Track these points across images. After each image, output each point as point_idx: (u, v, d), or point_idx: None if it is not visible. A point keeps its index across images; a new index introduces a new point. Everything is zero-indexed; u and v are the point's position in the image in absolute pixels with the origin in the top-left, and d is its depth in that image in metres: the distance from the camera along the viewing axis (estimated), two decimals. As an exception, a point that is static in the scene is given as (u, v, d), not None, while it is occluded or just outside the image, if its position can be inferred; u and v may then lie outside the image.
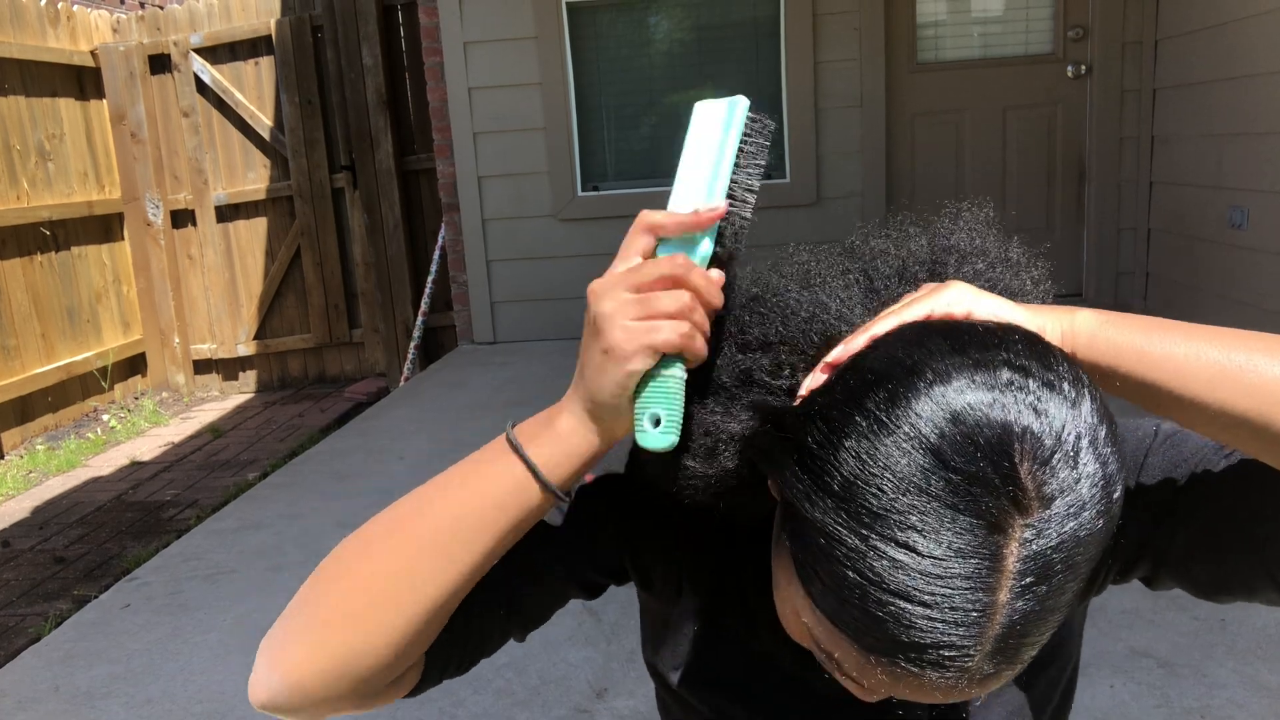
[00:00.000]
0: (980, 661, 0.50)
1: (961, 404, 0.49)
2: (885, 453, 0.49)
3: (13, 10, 4.92)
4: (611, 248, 2.55)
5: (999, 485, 0.48)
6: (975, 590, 0.48)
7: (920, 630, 0.49)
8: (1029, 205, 4.49)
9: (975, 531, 0.48)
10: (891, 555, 0.49)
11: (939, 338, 0.53)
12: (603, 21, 4.50)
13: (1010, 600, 0.49)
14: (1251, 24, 3.35)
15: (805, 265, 0.68)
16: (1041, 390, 0.50)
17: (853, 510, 0.50)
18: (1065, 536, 0.49)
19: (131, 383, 5.71)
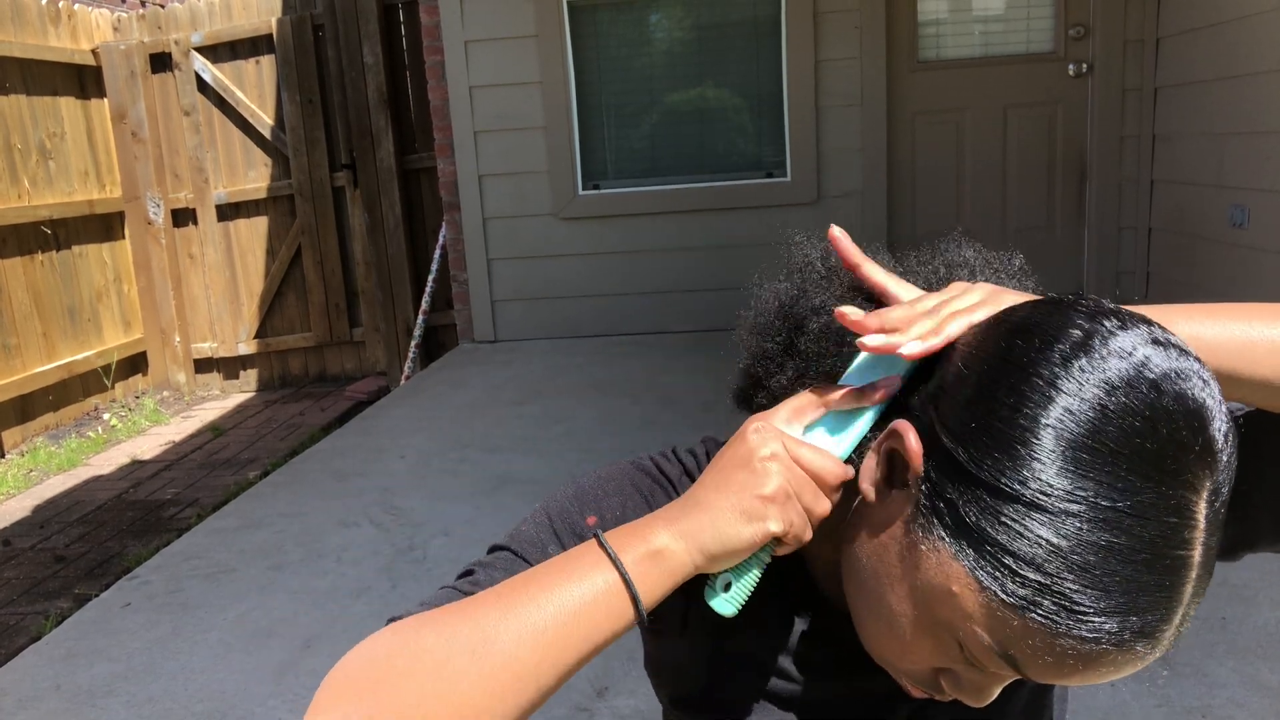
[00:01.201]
0: (1175, 628, 0.51)
1: (1150, 367, 0.51)
2: (1077, 421, 0.50)
3: (14, 9, 4.92)
4: (612, 246, 2.60)
5: (1199, 452, 0.49)
6: (1178, 550, 0.49)
7: (1137, 607, 0.49)
8: (1029, 204, 4.48)
9: (1175, 494, 0.49)
10: (1103, 540, 0.49)
11: (1071, 311, 0.54)
12: (604, 20, 4.50)
13: (1201, 560, 0.50)
14: (1253, 22, 3.34)
15: None
16: (1188, 356, 0.52)
17: (1062, 478, 0.50)
18: (1226, 493, 0.51)
19: (132, 381, 5.71)
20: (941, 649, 0.57)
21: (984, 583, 0.52)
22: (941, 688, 0.59)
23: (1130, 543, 0.49)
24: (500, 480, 2.83)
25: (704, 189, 4.50)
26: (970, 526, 0.53)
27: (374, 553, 2.38)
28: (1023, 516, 0.50)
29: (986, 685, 0.58)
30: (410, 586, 2.18)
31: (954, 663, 0.57)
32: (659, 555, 0.58)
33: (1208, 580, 0.51)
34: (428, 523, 2.55)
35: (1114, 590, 0.49)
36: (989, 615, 0.53)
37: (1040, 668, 0.52)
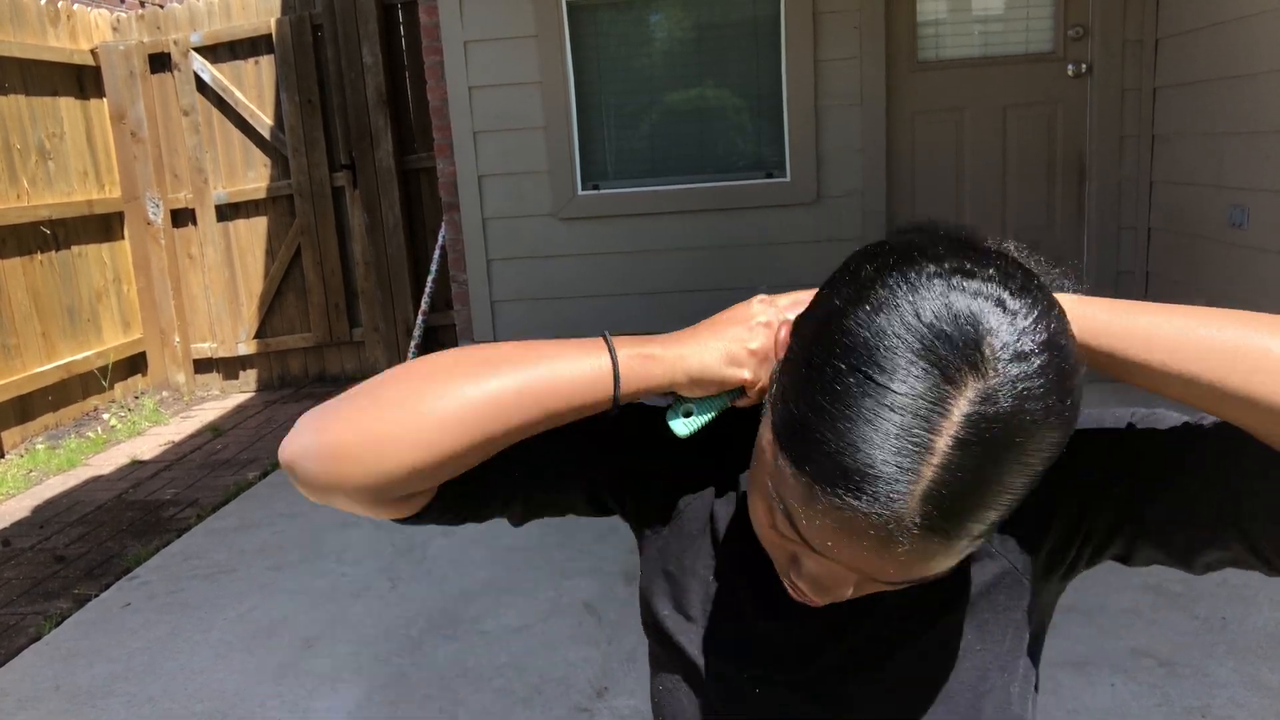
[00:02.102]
0: (913, 507, 0.55)
1: (951, 283, 0.57)
2: (873, 305, 0.58)
3: (13, 9, 4.92)
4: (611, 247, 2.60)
5: (961, 347, 0.55)
6: (919, 427, 0.55)
7: (864, 453, 0.55)
8: (1029, 204, 4.48)
9: (931, 376, 0.55)
10: (857, 382, 0.56)
11: (939, 245, 0.62)
12: (603, 20, 4.50)
13: (949, 450, 0.54)
14: (1252, 22, 3.34)
15: None
16: (1020, 292, 0.58)
17: (833, 343, 0.58)
18: (1010, 411, 0.55)
19: (132, 382, 5.71)
20: (768, 513, 0.65)
21: (773, 433, 0.61)
22: (793, 579, 0.66)
23: (885, 414, 0.55)
24: (500, 480, 2.83)
25: (704, 189, 4.50)
26: (778, 391, 0.63)
27: (374, 553, 2.38)
28: (809, 379, 0.59)
29: (823, 578, 0.63)
30: (410, 586, 2.18)
31: (783, 532, 0.63)
32: (649, 358, 0.72)
33: (980, 493, 0.56)
34: (427, 523, 2.55)
35: (861, 450, 0.55)
36: (776, 468, 0.61)
37: (811, 530, 0.59)
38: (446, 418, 0.67)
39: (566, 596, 2.07)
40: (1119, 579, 1.97)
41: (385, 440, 0.66)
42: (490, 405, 0.68)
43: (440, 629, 1.98)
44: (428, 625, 2.00)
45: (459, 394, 0.67)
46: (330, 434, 0.67)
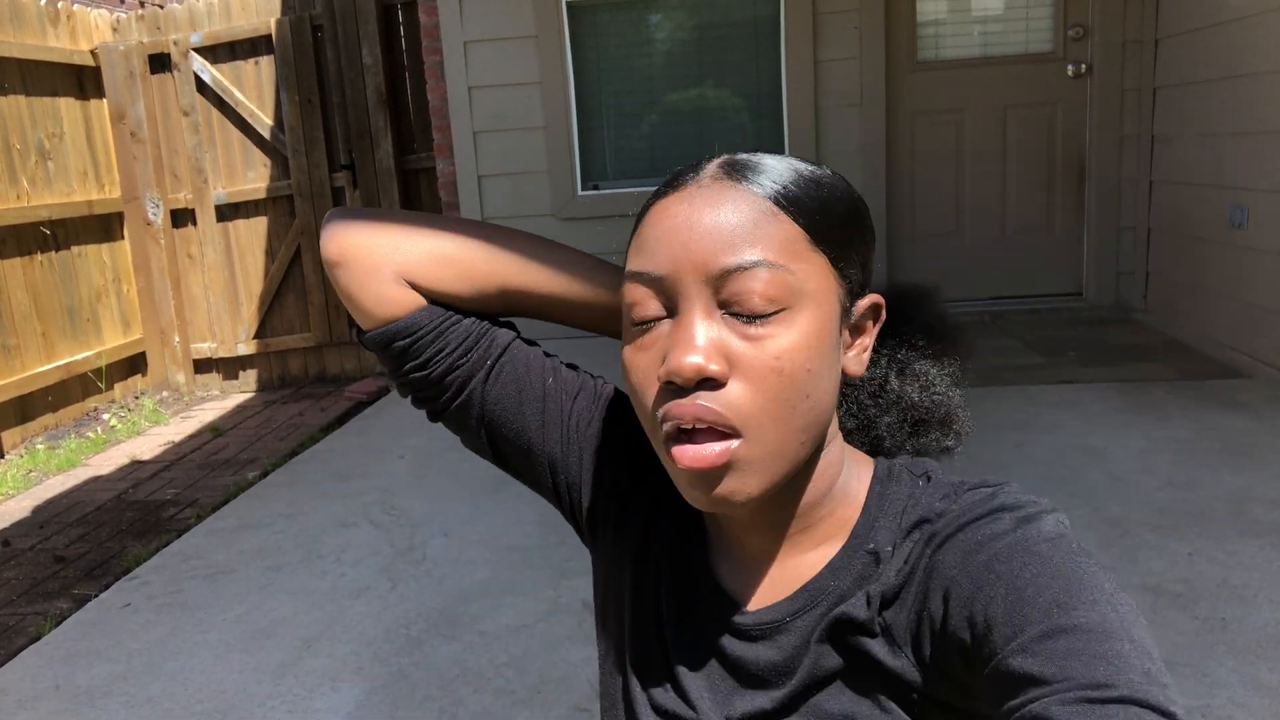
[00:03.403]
0: (710, 167, 0.73)
1: None
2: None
3: (12, 9, 4.92)
4: (612, 246, 2.59)
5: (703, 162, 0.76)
6: (692, 168, 0.75)
7: (671, 176, 0.74)
8: (1029, 204, 4.48)
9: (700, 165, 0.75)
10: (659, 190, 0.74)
11: None
12: (603, 20, 4.50)
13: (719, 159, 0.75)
14: (1252, 23, 3.34)
15: None
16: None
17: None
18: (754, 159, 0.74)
19: (132, 382, 5.71)
20: (634, 346, 0.70)
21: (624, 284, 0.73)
22: (663, 389, 0.68)
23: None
24: (500, 480, 2.82)
25: (703, 189, 4.49)
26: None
27: (373, 553, 2.38)
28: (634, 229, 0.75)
29: (676, 336, 0.66)
30: (410, 586, 2.18)
31: (646, 350, 0.69)
32: None
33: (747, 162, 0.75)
34: (427, 523, 2.55)
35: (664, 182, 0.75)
36: (627, 280, 0.70)
37: (649, 245, 0.69)
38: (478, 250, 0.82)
39: (566, 596, 2.07)
40: (1119, 578, 1.97)
41: (406, 235, 0.80)
42: (512, 259, 0.83)
43: (440, 629, 1.98)
44: (428, 625, 2.00)
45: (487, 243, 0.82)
46: (374, 225, 0.80)
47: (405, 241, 0.80)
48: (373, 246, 0.79)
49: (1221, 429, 2.82)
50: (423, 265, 0.79)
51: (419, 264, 0.79)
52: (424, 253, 0.80)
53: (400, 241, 0.80)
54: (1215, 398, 3.11)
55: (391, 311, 0.81)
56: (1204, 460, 2.58)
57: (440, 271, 0.80)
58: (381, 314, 0.81)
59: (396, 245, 0.79)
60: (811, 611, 0.70)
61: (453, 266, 0.80)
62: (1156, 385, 3.30)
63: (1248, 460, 2.57)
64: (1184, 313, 3.99)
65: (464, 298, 0.81)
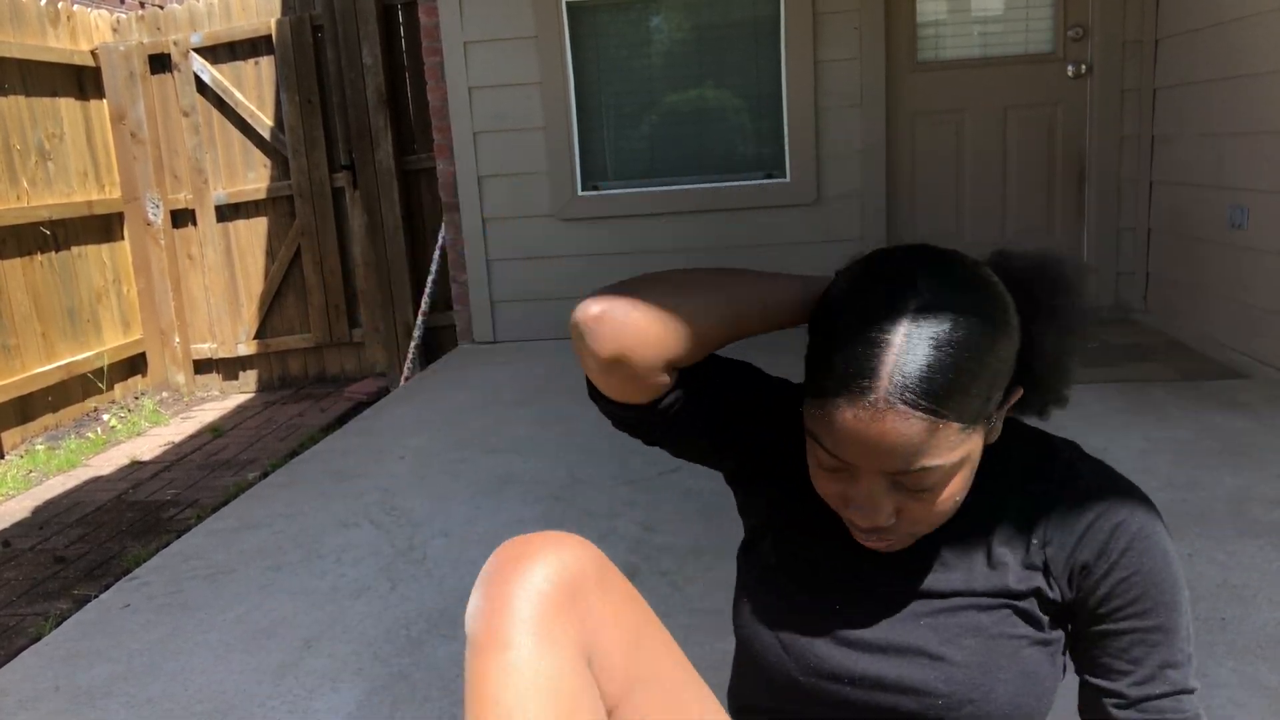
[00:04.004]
0: (884, 385, 0.77)
1: (894, 252, 0.87)
2: (846, 276, 0.87)
3: (13, 10, 4.92)
4: (611, 247, 2.62)
5: (898, 280, 0.81)
6: (878, 330, 0.78)
7: (844, 356, 0.79)
8: (1029, 205, 4.48)
9: (882, 296, 0.80)
10: (838, 318, 0.83)
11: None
12: (603, 21, 4.50)
13: (903, 341, 0.77)
14: (1252, 23, 3.34)
15: None
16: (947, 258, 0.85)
17: (824, 308, 0.86)
18: (944, 316, 0.77)
19: (132, 382, 5.71)
20: (815, 464, 0.86)
21: (807, 397, 0.84)
22: (847, 516, 0.87)
23: (853, 328, 0.80)
24: (500, 481, 2.83)
25: (703, 190, 4.50)
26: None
27: (374, 553, 2.38)
28: (811, 341, 0.86)
29: (862, 498, 0.83)
30: (410, 587, 2.18)
31: (823, 464, 0.84)
32: None
33: (934, 368, 0.77)
34: (428, 523, 2.55)
35: (841, 355, 0.79)
36: (808, 413, 0.83)
37: (833, 439, 0.80)
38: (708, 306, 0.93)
39: (566, 597, 2.06)
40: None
41: (667, 314, 0.90)
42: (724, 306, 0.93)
43: (440, 629, 1.98)
44: (428, 625, 2.00)
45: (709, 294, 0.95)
46: (635, 301, 0.90)
47: (670, 334, 0.90)
48: (645, 345, 0.89)
49: (1221, 429, 2.82)
50: (687, 352, 0.91)
51: (684, 353, 0.91)
52: (687, 340, 0.90)
53: (665, 335, 0.90)
54: (1215, 398, 3.11)
55: (649, 397, 0.94)
56: (1204, 460, 2.58)
57: (695, 351, 0.92)
58: (638, 400, 0.94)
59: (664, 341, 0.90)
60: None
61: (702, 343, 0.92)
62: (1156, 385, 3.30)
63: (1248, 460, 2.57)
64: (1184, 313, 3.99)
65: (699, 358, 0.94)
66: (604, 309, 0.89)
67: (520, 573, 0.86)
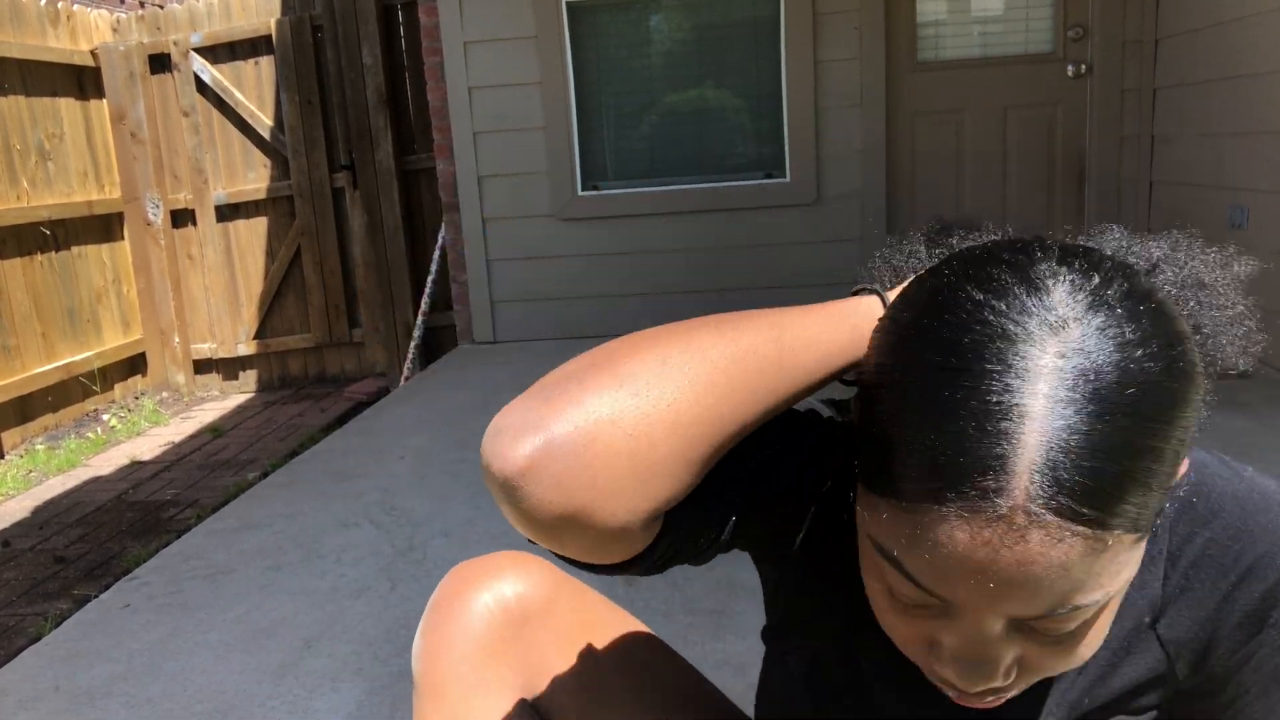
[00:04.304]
0: (1022, 486, 0.47)
1: (1001, 257, 0.54)
2: (928, 308, 0.54)
3: (13, 10, 4.92)
4: (611, 247, 2.62)
5: (1026, 301, 0.50)
6: (1003, 394, 0.48)
7: (951, 442, 0.48)
8: (1029, 204, 4.49)
9: (1001, 341, 0.49)
10: (928, 379, 0.50)
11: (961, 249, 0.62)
12: (603, 21, 4.50)
13: (1047, 410, 0.47)
14: (1252, 23, 3.35)
15: None
16: (1079, 253, 0.54)
17: (897, 358, 0.54)
18: (1108, 360, 0.48)
19: (131, 382, 5.71)
20: (884, 591, 0.57)
21: (861, 484, 0.56)
22: (938, 672, 0.57)
23: (964, 396, 0.49)
24: (500, 481, 2.83)
25: (703, 190, 4.50)
26: (859, 436, 0.57)
27: (374, 553, 2.38)
28: (881, 400, 0.54)
29: (968, 648, 0.54)
30: (410, 587, 2.18)
31: (902, 595, 0.55)
32: None
33: (1098, 454, 0.47)
34: (428, 523, 2.55)
35: (946, 441, 0.48)
36: (872, 519, 0.54)
37: (926, 568, 0.51)
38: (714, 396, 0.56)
39: (566, 597, 2.06)
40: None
41: (638, 419, 0.54)
42: (751, 375, 0.58)
43: (440, 629, 1.98)
44: (427, 626, 2.00)
45: (719, 356, 0.57)
46: (579, 417, 0.53)
47: (659, 461, 0.55)
48: (615, 495, 0.54)
49: (1221, 429, 2.82)
50: (689, 478, 0.58)
51: (685, 483, 0.57)
52: (686, 460, 0.56)
53: (651, 467, 0.55)
54: (1215, 398, 3.11)
55: (629, 553, 0.61)
56: (1204, 460, 2.58)
57: (700, 470, 0.58)
58: (612, 560, 0.61)
59: (648, 479, 0.55)
60: None
61: (710, 451, 0.57)
62: (1156, 385, 3.29)
63: (1248, 460, 2.56)
64: (1184, 313, 3.99)
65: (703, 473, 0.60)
66: (535, 451, 0.53)
67: (460, 610, 0.80)
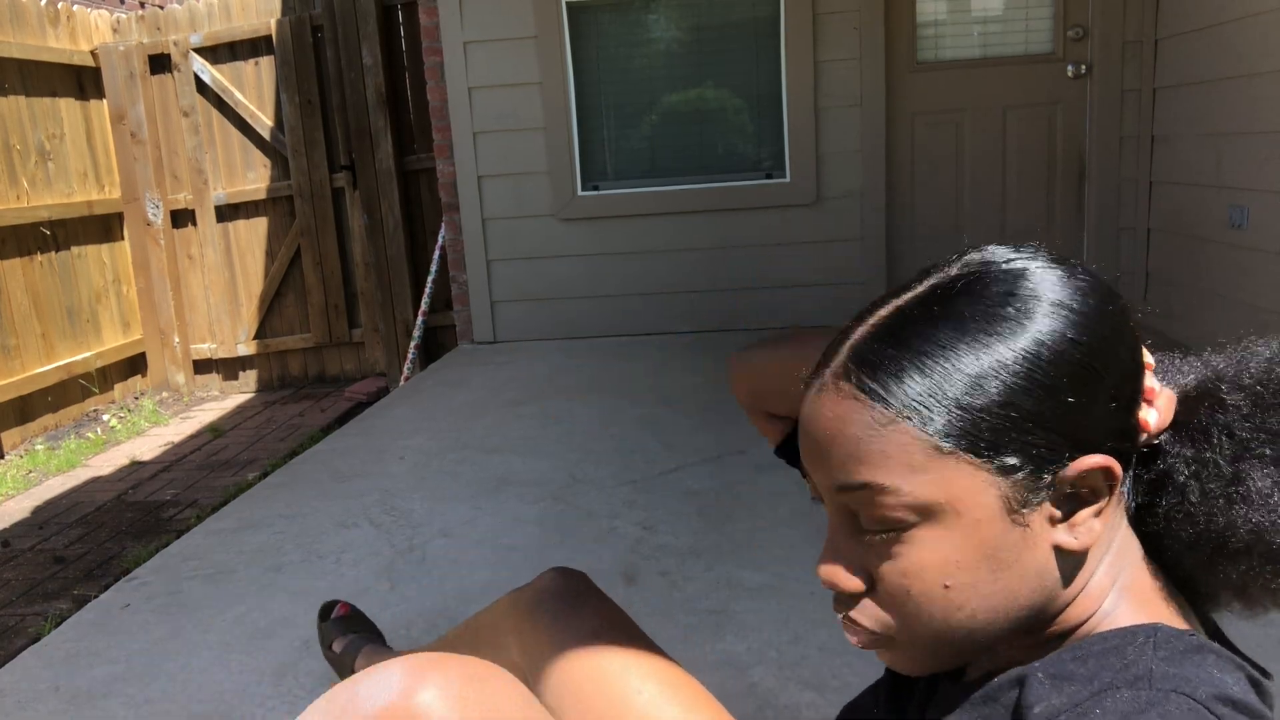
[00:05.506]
0: (841, 358, 0.61)
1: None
2: None
3: (12, 10, 4.92)
4: (611, 247, 2.61)
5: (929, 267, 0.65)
6: (874, 305, 0.63)
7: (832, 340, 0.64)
8: (1029, 205, 4.48)
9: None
10: None
11: None
12: (603, 21, 4.50)
13: (888, 312, 0.61)
14: (1252, 23, 3.34)
15: None
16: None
17: None
18: (960, 289, 0.59)
19: (131, 382, 5.71)
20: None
21: None
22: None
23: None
24: (500, 481, 2.83)
25: (703, 190, 4.50)
26: None
27: (373, 553, 2.38)
28: None
29: (823, 544, 0.66)
30: (410, 587, 2.17)
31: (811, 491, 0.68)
32: None
33: (896, 345, 0.59)
34: (427, 523, 2.55)
35: None
36: None
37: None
38: None
39: (566, 597, 2.06)
40: None
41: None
42: None
43: (440, 629, 1.98)
44: (427, 626, 2.00)
45: None
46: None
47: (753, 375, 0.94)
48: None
49: (1221, 429, 2.81)
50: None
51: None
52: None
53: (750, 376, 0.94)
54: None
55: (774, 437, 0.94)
56: (1204, 460, 2.57)
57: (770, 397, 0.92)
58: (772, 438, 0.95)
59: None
60: None
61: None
62: (1156, 385, 3.29)
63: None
64: (1184, 313, 3.99)
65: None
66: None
67: None
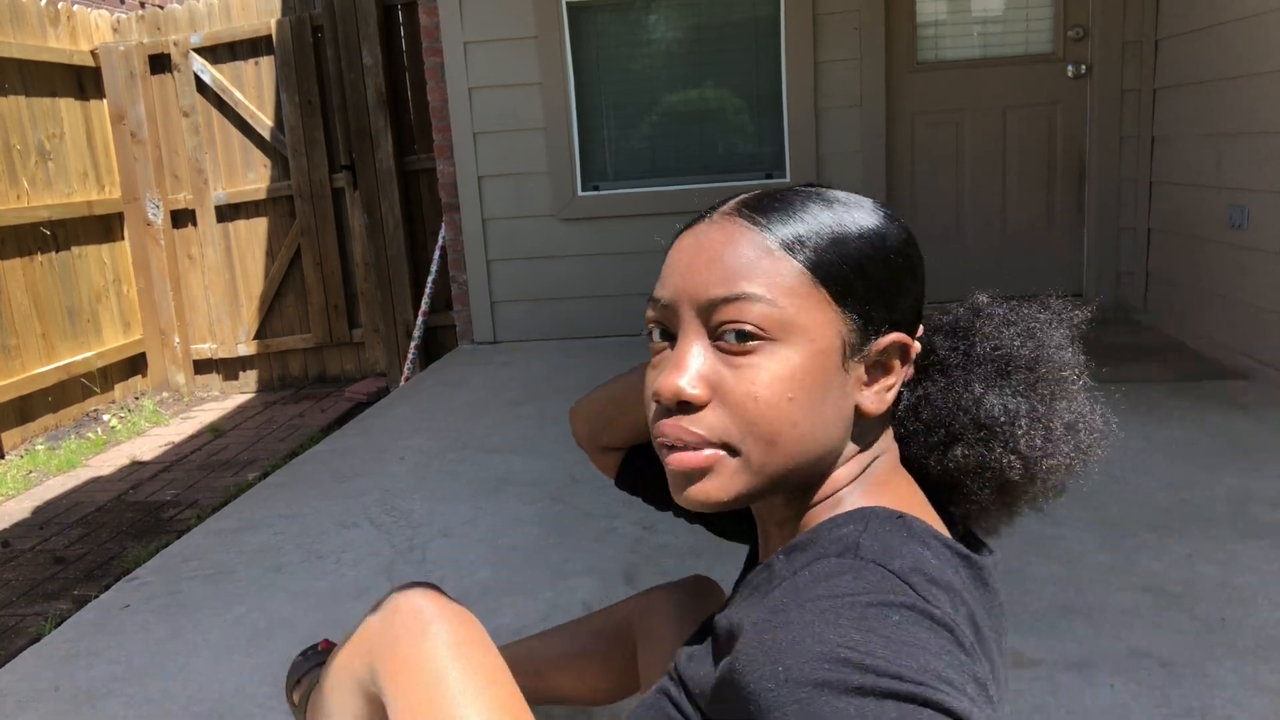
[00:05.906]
0: (731, 204, 0.75)
1: None
2: None
3: (12, 10, 4.92)
4: (611, 247, 2.62)
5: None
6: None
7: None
8: (1029, 205, 4.48)
9: None
10: None
11: None
12: (603, 21, 4.50)
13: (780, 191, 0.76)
14: (1252, 23, 3.35)
15: None
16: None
17: None
18: (838, 195, 0.77)
19: (132, 383, 5.71)
20: (650, 378, 0.78)
21: None
22: (655, 423, 0.78)
23: None
24: (500, 481, 2.83)
25: (704, 190, 4.50)
26: None
27: (374, 554, 2.38)
28: None
29: (670, 362, 0.73)
30: (410, 587, 2.17)
31: (654, 375, 0.76)
32: None
33: (774, 200, 0.74)
34: (428, 523, 2.55)
35: None
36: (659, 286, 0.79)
37: (664, 279, 0.78)
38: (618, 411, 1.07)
39: (566, 597, 2.07)
40: (1119, 579, 1.97)
41: (602, 409, 1.09)
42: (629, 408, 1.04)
43: (440, 630, 1.97)
44: (427, 626, 2.00)
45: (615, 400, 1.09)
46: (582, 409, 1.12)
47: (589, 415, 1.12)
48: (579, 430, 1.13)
49: (1222, 430, 2.82)
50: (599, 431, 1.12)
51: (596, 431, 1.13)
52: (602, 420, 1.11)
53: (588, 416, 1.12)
54: (1215, 399, 3.11)
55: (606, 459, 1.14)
56: (1204, 461, 2.58)
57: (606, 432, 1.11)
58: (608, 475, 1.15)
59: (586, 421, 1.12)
60: None
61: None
62: (1156, 386, 3.30)
63: (1248, 461, 2.57)
64: (1184, 313, 3.99)
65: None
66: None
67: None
